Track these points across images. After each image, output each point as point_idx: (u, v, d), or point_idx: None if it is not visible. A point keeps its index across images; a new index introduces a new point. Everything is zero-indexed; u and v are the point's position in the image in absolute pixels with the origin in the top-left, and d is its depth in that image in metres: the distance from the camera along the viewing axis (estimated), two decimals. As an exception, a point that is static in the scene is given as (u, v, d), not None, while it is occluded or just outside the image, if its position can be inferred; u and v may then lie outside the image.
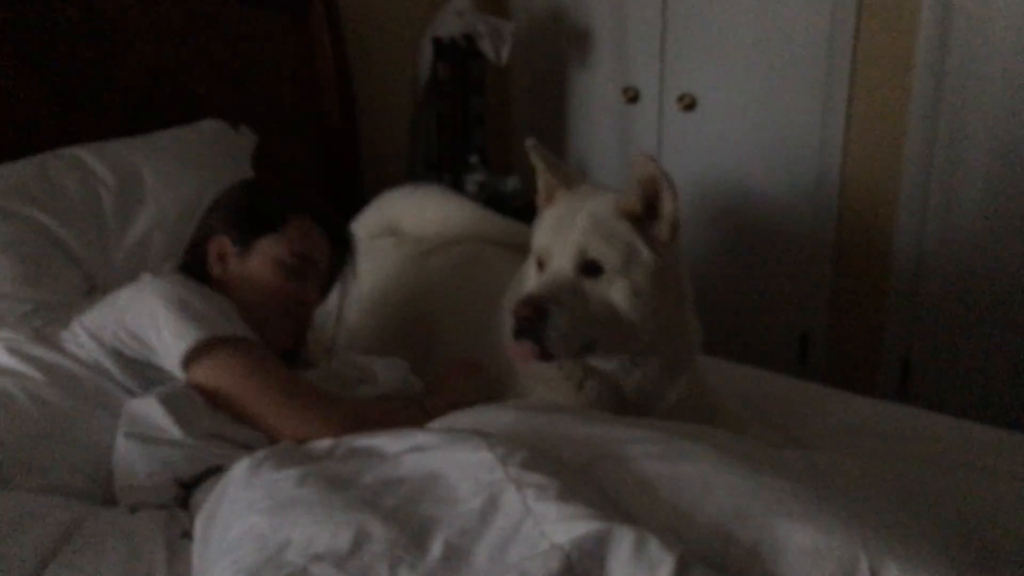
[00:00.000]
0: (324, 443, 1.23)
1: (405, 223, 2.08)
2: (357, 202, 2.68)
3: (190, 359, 1.35)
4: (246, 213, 1.60)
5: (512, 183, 3.22)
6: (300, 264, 1.57)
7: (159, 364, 1.39)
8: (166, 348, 1.36)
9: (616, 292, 1.41)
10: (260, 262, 1.56)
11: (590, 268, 1.42)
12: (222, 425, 1.34)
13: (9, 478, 1.29)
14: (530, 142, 1.57)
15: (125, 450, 1.31)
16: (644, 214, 1.44)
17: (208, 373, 1.35)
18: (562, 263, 1.43)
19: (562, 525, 0.95)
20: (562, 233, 1.45)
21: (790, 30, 2.84)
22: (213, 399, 1.36)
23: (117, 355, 1.41)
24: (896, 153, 2.73)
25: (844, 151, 2.83)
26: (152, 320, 1.38)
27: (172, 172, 2.17)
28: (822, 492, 1.01)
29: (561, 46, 3.45)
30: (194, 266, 1.58)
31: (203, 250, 1.59)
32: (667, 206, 1.41)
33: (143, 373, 1.41)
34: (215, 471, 1.30)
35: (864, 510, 0.98)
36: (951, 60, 2.55)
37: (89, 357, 1.43)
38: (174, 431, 1.28)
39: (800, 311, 3.05)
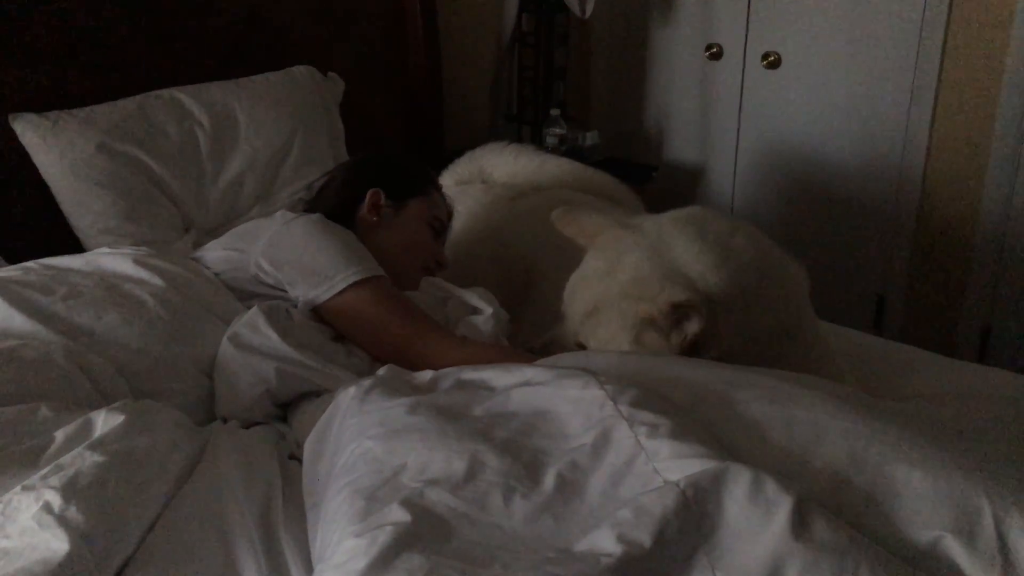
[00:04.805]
0: (428, 374, 1.24)
1: (496, 172, 2.09)
2: (438, 152, 2.69)
3: (346, 290, 1.47)
4: (402, 175, 1.78)
5: (591, 137, 3.19)
6: (439, 226, 1.78)
7: (292, 291, 1.50)
8: (317, 277, 1.47)
9: None
10: (412, 218, 1.73)
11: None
12: (314, 339, 1.44)
13: (146, 383, 1.35)
14: (555, 215, 1.47)
15: (228, 357, 1.39)
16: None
17: (357, 301, 1.48)
18: (569, 341, 1.42)
19: (676, 463, 0.95)
20: (572, 306, 1.40)
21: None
22: (350, 323, 1.48)
23: (255, 282, 1.53)
24: (988, 119, 2.65)
25: (933, 116, 2.75)
26: (303, 252, 1.50)
27: (264, 116, 2.20)
28: (939, 439, 0.99)
29: (644, 0, 3.39)
30: (330, 209, 1.69)
31: (350, 198, 1.73)
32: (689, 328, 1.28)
33: (269, 295, 1.51)
34: (309, 395, 1.38)
35: (985, 460, 0.96)
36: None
37: (212, 274, 1.54)
38: (272, 336, 1.37)
39: (878, 273, 3.00)
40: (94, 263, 1.52)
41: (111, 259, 1.52)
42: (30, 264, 1.53)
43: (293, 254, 1.50)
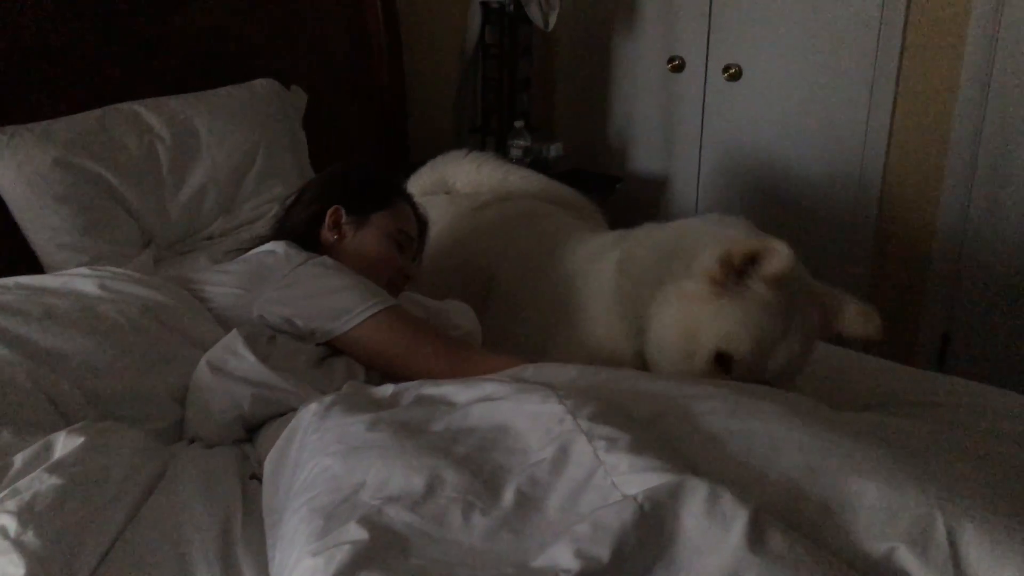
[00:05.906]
0: (388, 389, 1.24)
1: (459, 181, 2.10)
2: (403, 164, 2.69)
3: (365, 322, 1.47)
4: (363, 189, 1.76)
5: (555, 149, 3.20)
6: (404, 239, 1.75)
7: (306, 324, 1.47)
8: (335, 311, 1.46)
9: None
10: (373, 233, 1.71)
11: None
12: (294, 363, 1.41)
13: (116, 409, 1.31)
14: None
15: (203, 381, 1.35)
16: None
17: (379, 331, 1.47)
18: None
19: (634, 477, 0.95)
20: None
21: (841, 2, 2.80)
22: (376, 353, 1.48)
23: (257, 324, 1.49)
24: (944, 129, 2.69)
25: (891, 127, 2.80)
26: (319, 291, 1.49)
27: (226, 129, 2.19)
28: (894, 452, 1.00)
29: (607, 14, 3.42)
30: (297, 227, 1.71)
31: (315, 216, 1.72)
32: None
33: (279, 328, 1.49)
34: (278, 416, 1.36)
35: (937, 470, 0.97)
36: (1004, 36, 2.51)
37: (194, 298, 1.51)
38: (250, 358, 1.34)
39: (838, 281, 3.00)
40: (70, 284, 1.47)
41: (88, 281, 1.47)
42: (6, 283, 1.47)
43: (307, 294, 1.49)
